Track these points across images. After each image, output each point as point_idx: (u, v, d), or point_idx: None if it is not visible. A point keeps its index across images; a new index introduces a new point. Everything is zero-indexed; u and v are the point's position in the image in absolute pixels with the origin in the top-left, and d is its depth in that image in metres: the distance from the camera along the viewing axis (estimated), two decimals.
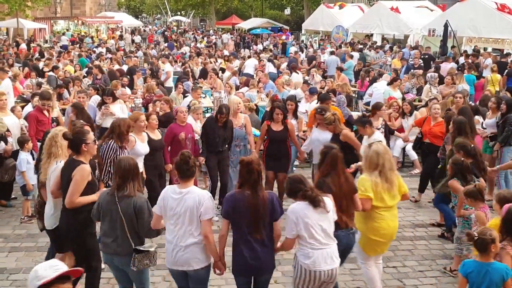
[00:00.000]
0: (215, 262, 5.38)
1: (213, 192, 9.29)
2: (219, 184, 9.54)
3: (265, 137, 9.52)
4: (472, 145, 7.85)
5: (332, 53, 24.26)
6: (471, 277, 5.06)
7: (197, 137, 9.74)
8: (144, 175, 8.42)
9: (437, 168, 9.02)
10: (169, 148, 9.18)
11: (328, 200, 5.31)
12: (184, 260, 5.22)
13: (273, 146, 9.36)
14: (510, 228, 5.38)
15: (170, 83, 18.71)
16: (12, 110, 10.58)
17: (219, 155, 9.28)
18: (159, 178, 8.84)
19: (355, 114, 12.73)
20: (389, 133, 10.51)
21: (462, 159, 7.35)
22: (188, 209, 5.14)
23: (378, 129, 9.89)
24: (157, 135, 8.82)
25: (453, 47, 23.79)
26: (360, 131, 9.04)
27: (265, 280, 5.47)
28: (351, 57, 22.92)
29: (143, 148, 8.30)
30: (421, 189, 10.17)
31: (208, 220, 5.17)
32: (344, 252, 5.80)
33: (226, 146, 9.41)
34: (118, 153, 7.60)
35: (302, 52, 31.05)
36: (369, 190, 5.99)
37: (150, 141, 8.53)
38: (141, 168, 8.19)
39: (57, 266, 3.42)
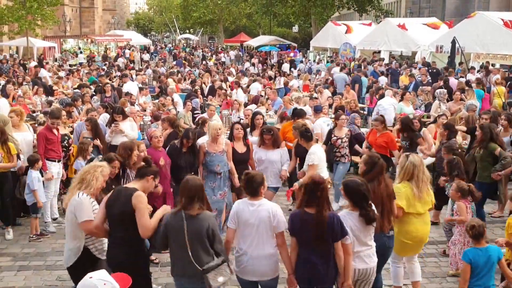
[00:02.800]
0: (289, 275, 5.46)
1: None
2: None
3: None
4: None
5: (341, 69, 24.35)
6: (475, 262, 5.82)
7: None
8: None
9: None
10: None
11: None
12: (257, 271, 5.45)
13: (237, 167, 8.79)
14: None
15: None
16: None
17: None
18: None
19: (365, 131, 12.71)
20: (352, 143, 10.88)
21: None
22: (262, 220, 5.41)
23: (341, 138, 10.35)
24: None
25: (460, 63, 23.77)
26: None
27: None
28: (365, 74, 22.97)
29: None
30: None
31: (281, 232, 5.43)
32: (378, 252, 5.94)
33: (192, 173, 8.80)
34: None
35: (295, 69, 33.44)
36: (402, 199, 6.35)
37: None
38: None
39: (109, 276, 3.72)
